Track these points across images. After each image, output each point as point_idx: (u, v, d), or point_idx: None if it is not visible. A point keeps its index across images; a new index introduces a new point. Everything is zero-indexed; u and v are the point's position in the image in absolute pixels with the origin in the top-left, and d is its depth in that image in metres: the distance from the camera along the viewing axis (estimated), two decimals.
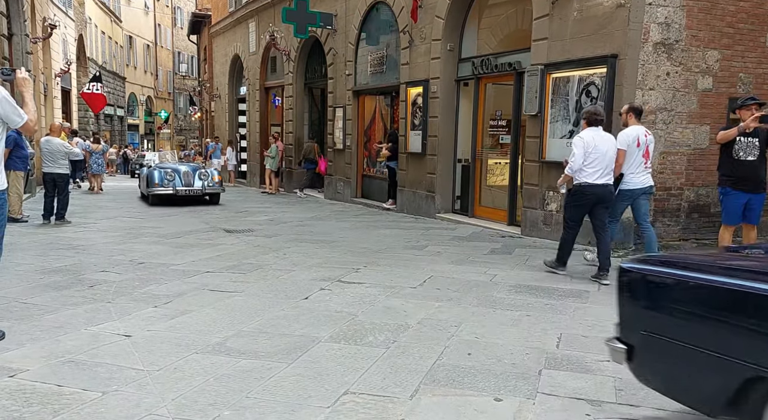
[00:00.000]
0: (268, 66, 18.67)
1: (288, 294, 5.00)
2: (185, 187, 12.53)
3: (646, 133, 5.98)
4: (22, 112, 3.60)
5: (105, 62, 31.89)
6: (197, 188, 12.68)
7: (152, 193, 12.51)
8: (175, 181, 12.50)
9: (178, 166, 13.35)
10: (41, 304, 4.54)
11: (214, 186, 12.91)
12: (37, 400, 2.85)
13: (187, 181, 12.62)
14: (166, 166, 13.29)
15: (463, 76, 10.10)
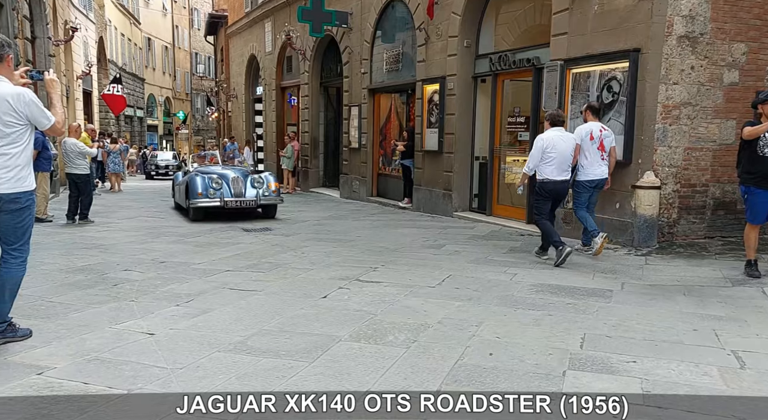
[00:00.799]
0: (284, 66, 18.73)
1: (307, 293, 5.00)
2: (235, 197, 9.76)
3: (601, 129, 6.48)
4: (50, 114, 3.64)
5: (125, 64, 32.28)
6: (250, 198, 9.86)
7: (195, 205, 9.62)
8: (223, 189, 9.72)
9: (223, 170, 10.67)
10: (67, 303, 4.59)
11: (270, 195, 10.10)
12: (65, 397, 2.89)
13: (237, 189, 9.81)
14: (209, 170, 10.55)
15: (481, 73, 10.02)
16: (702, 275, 5.70)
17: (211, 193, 9.61)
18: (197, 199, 9.61)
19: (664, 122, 6.81)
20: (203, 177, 9.81)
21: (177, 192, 11.50)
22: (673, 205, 7.00)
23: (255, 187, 10.06)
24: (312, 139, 16.49)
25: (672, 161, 6.91)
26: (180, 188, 10.98)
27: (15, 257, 3.62)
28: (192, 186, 9.73)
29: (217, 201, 9.66)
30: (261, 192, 10.01)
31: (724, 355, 3.59)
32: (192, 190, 9.68)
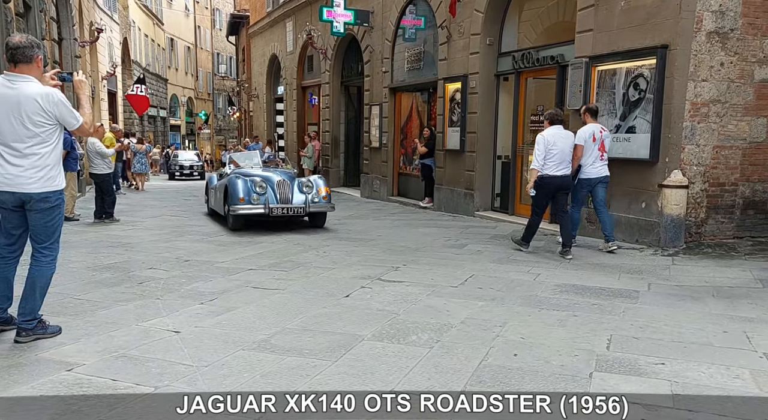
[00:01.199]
0: (305, 65, 18.82)
1: (329, 292, 5.00)
2: (281, 204, 8.49)
3: (601, 130, 6.83)
4: (78, 114, 3.69)
5: (148, 64, 32.74)
6: (298, 205, 8.55)
7: (236, 212, 8.33)
8: (268, 194, 8.45)
9: (267, 172, 9.24)
10: (94, 300, 4.66)
11: (320, 202, 8.75)
12: (94, 393, 2.93)
13: (283, 194, 8.55)
14: (250, 172, 9.21)
15: (503, 71, 9.94)
16: (731, 276, 5.57)
17: (254, 199, 8.26)
18: (238, 205, 8.30)
19: (693, 120, 6.67)
20: (245, 180, 8.47)
21: (212, 196, 10.03)
22: (701, 204, 6.86)
23: (303, 193, 8.68)
24: (333, 139, 16.53)
25: (700, 160, 6.78)
26: (216, 192, 9.55)
27: (45, 256, 3.68)
28: (232, 190, 8.43)
29: (261, 208, 8.30)
30: (310, 197, 8.65)
31: (757, 358, 3.50)
32: (232, 195, 8.38)
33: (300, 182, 8.89)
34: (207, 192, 10.80)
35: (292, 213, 8.56)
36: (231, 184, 8.52)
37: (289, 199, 8.55)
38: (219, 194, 9.36)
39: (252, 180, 8.56)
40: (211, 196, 10.27)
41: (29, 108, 3.50)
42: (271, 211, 8.39)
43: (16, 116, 3.49)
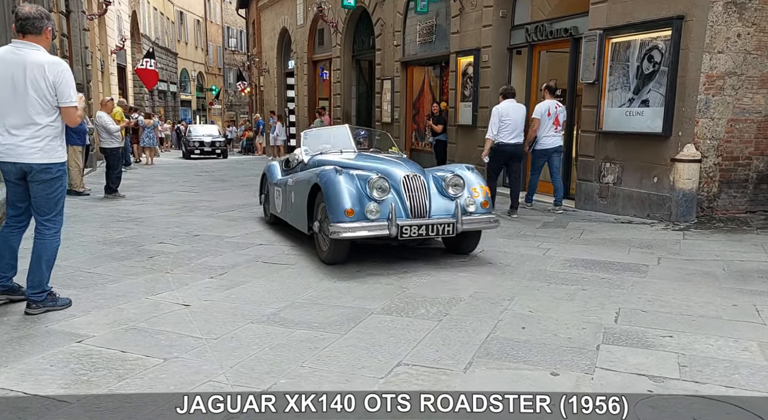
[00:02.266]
0: (315, 39, 18.63)
1: (339, 266, 5.02)
2: (416, 219, 5.05)
3: (557, 105, 7.70)
4: (74, 96, 3.65)
5: (158, 38, 32.58)
6: (442, 219, 5.11)
7: (340, 235, 4.85)
8: (390, 201, 5.00)
9: (375, 162, 5.69)
10: (104, 274, 4.72)
11: (479, 213, 5.28)
12: (103, 364, 2.97)
13: (417, 202, 5.14)
14: (349, 162, 5.75)
15: (516, 44, 9.78)
16: (742, 250, 5.52)
17: (371, 211, 4.85)
18: (344, 222, 4.80)
19: (707, 93, 6.54)
20: (350, 176, 5.03)
21: (278, 198, 6.58)
22: (714, 178, 6.77)
23: (448, 196, 5.20)
24: (344, 114, 16.43)
25: (714, 133, 6.66)
26: (289, 194, 6.09)
27: (48, 228, 3.71)
28: (332, 195, 4.93)
29: (384, 227, 4.85)
30: (463, 205, 5.14)
31: (766, 331, 3.49)
32: (333, 204, 4.89)
33: (440, 178, 5.32)
34: (264, 188, 7.41)
35: (434, 233, 4.95)
36: (328, 185, 4.96)
37: (427, 210, 5.05)
38: (296, 198, 5.80)
39: (360, 176, 5.07)
40: (274, 196, 6.76)
41: (34, 73, 3.48)
42: (402, 232, 4.81)
43: (20, 82, 3.47)
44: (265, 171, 7.48)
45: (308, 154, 6.38)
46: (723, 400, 2.61)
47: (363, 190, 4.95)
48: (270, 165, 7.48)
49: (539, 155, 7.78)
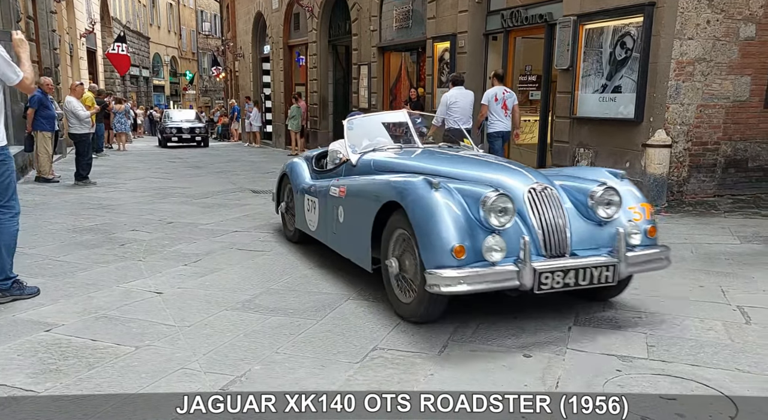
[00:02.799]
0: (291, 23, 18.38)
1: (315, 253, 5.00)
2: (560, 262, 3.16)
3: (504, 91, 7.94)
4: (18, 69, 3.59)
5: (129, 22, 31.82)
6: (601, 260, 3.21)
7: (443, 288, 3.00)
8: (516, 231, 3.18)
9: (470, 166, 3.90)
10: (74, 262, 4.64)
11: (646, 247, 3.43)
12: (73, 353, 2.93)
13: (556, 233, 3.26)
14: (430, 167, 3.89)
15: (492, 30, 9.78)
16: (711, 233, 5.65)
17: (491, 249, 3.08)
18: (451, 266, 3.06)
19: (678, 79, 6.64)
20: (448, 191, 3.27)
21: (311, 211, 4.84)
22: (684, 163, 6.90)
23: (596, 221, 3.44)
24: (321, 99, 16.30)
25: (684, 119, 6.77)
26: (334, 209, 4.36)
27: (4, 213, 3.64)
28: (427, 221, 3.18)
29: (511, 274, 3.07)
30: (627, 237, 3.31)
31: (730, 311, 3.58)
32: (432, 236, 3.14)
33: (577, 191, 3.56)
34: (283, 193, 5.70)
35: (585, 282, 3.21)
36: (420, 206, 3.26)
37: (568, 243, 3.33)
38: (350, 218, 4.12)
39: (466, 191, 3.34)
40: (304, 207, 4.96)
41: None
42: (540, 283, 3.12)
43: None
44: (285, 171, 5.59)
45: (355, 151, 4.56)
46: (688, 378, 2.69)
47: (472, 213, 3.14)
48: (292, 164, 5.54)
49: (495, 137, 8.06)
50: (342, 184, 4.30)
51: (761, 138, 7.11)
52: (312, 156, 5.50)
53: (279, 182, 5.81)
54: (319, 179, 4.95)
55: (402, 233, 3.44)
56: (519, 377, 2.70)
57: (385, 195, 3.54)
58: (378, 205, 3.57)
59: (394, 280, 3.56)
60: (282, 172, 5.71)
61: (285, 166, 5.71)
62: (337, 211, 4.25)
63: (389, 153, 4.49)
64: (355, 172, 4.43)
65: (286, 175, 5.54)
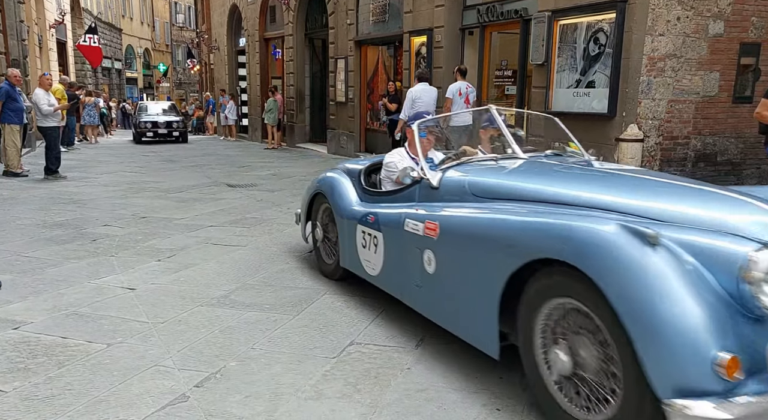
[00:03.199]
0: (267, 16, 18.18)
1: (292, 248, 4.98)
2: None
3: (467, 86, 8.32)
4: None
5: (100, 13, 31.14)
6: None
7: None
8: None
9: (656, 194, 2.47)
10: (44, 258, 4.54)
11: None
12: (42, 351, 2.87)
13: None
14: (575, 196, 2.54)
15: (468, 25, 9.80)
16: None
17: None
18: (714, 387, 1.72)
19: (649, 74, 6.74)
20: (675, 251, 1.93)
21: (368, 247, 3.60)
22: (655, 157, 7.01)
23: None
24: (297, 93, 16.17)
25: (655, 114, 6.89)
26: (417, 254, 3.01)
27: None
28: (656, 305, 1.81)
29: None
30: None
31: None
32: (663, 327, 1.78)
33: None
34: (315, 214, 4.50)
35: None
36: (631, 278, 1.89)
37: None
38: (454, 276, 2.78)
39: (695, 245, 1.98)
40: (356, 240, 3.74)
41: None
42: None
43: None
44: (320, 189, 4.30)
45: (434, 166, 3.32)
46: None
47: (724, 289, 1.91)
48: (331, 180, 4.18)
49: (454, 131, 8.43)
50: (428, 216, 2.95)
51: (729, 132, 7.27)
52: (357, 169, 4.10)
53: (309, 202, 4.47)
54: (376, 204, 3.63)
55: (570, 305, 2.15)
56: (494, 371, 2.73)
57: (536, 246, 2.23)
58: (517, 261, 2.29)
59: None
60: (314, 191, 4.40)
61: (319, 182, 4.39)
62: (423, 257, 2.91)
63: (485, 168, 3.19)
64: (437, 198, 3.09)
65: (322, 194, 4.24)
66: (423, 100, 8.24)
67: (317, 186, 4.39)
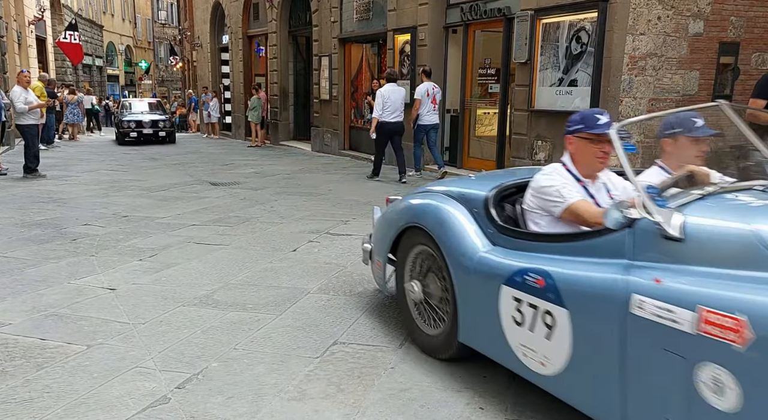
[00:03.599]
0: (250, 13, 18.06)
1: (276, 246, 4.96)
2: None
3: (433, 87, 8.92)
4: None
5: (80, 9, 30.68)
6: None
7: None
8: None
9: None
10: (22, 258, 4.47)
11: None
12: (20, 353, 2.83)
13: None
14: None
15: (452, 23, 9.82)
16: None
17: None
18: None
19: (630, 73, 6.81)
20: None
21: (556, 339, 2.08)
22: (637, 156, 7.09)
23: None
24: (281, 90, 16.09)
25: (637, 112, 6.96)
26: (677, 371, 1.69)
27: None
28: None
29: None
30: None
31: None
32: None
33: None
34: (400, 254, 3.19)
35: None
36: None
37: None
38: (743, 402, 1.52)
39: None
40: (496, 313, 2.37)
41: None
42: None
43: None
44: (416, 221, 2.97)
45: (665, 201, 1.97)
46: None
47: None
48: (435, 208, 2.89)
49: (419, 130, 9.01)
50: (713, 300, 1.64)
51: None
52: (480, 196, 2.73)
53: (396, 238, 3.14)
54: (534, 254, 2.34)
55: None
56: (478, 370, 2.73)
57: None
58: None
59: None
60: (405, 224, 3.05)
61: (414, 210, 3.04)
62: (694, 375, 1.65)
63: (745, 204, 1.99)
64: (683, 258, 1.83)
65: (419, 230, 2.93)
66: (391, 99, 8.68)
67: (411, 216, 3.03)
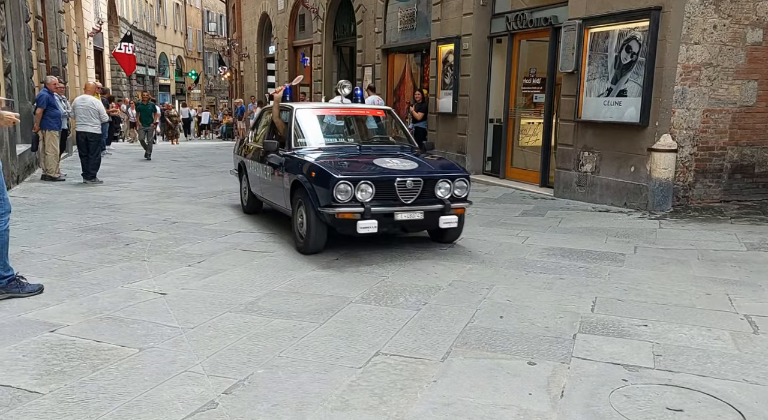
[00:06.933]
0: (296, 24, 18.42)
1: (318, 254, 5.00)
2: None
3: (378, 100, 10.81)
4: None
5: (135, 22, 31.88)
6: None
7: None
8: None
9: None
10: (79, 262, 4.64)
11: None
12: (77, 354, 2.93)
13: None
14: None
15: (497, 33, 9.76)
16: (716, 239, 5.62)
17: None
18: None
19: (684, 83, 6.61)
20: None
21: None
22: (690, 168, 6.86)
23: None
24: (326, 100, 16.28)
25: (690, 124, 6.75)
26: None
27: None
28: None
29: None
30: None
31: (738, 319, 3.56)
32: None
33: None
34: None
35: None
36: None
37: None
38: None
39: None
40: None
41: None
42: None
43: None
44: None
45: None
46: (695, 389, 2.67)
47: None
48: None
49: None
50: None
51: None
52: None
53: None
54: None
55: None
56: (523, 385, 2.69)
57: None
58: None
59: None
60: None
61: None
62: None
63: None
64: None
65: None
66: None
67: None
